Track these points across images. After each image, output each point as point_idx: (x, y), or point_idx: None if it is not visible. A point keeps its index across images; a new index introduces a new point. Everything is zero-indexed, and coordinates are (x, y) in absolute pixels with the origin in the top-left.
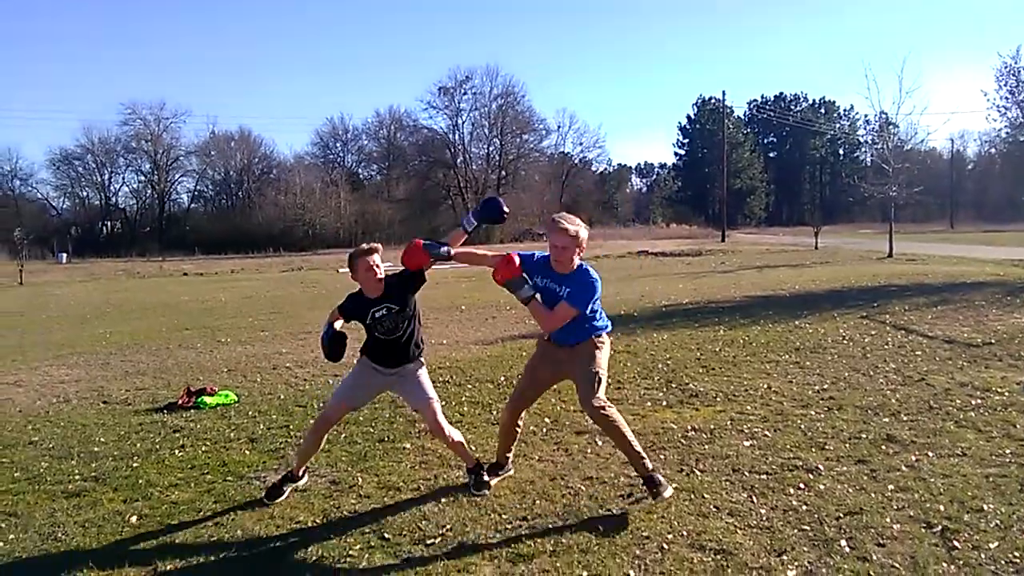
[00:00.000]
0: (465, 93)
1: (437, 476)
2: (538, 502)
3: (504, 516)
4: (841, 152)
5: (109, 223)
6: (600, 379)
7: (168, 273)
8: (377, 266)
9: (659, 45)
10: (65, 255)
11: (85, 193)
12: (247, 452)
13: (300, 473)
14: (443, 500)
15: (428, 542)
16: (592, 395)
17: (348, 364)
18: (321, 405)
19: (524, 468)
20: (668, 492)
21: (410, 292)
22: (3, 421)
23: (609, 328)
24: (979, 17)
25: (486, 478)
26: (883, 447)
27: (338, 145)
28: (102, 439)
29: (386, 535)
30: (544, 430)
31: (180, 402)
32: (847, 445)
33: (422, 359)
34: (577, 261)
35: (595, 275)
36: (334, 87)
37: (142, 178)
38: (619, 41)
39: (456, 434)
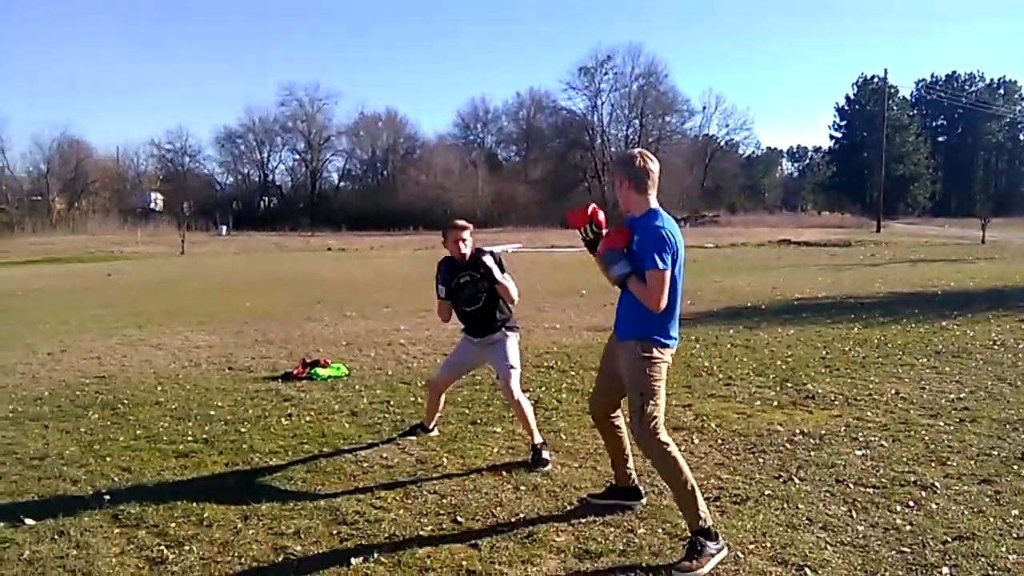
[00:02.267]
0: (606, 73)
1: (523, 464)
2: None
3: (580, 510)
4: (1022, 137)
5: (267, 198)
6: (643, 407)
7: (313, 248)
8: (464, 241)
9: (816, 21)
10: (225, 228)
11: (246, 170)
12: (346, 425)
13: (431, 426)
14: (522, 488)
15: (499, 529)
16: (637, 423)
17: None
18: (424, 383)
19: (608, 463)
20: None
21: (490, 271)
22: (138, 382)
23: (666, 342)
24: None
25: (545, 455)
26: (1015, 467)
27: (479, 126)
28: (219, 403)
29: (459, 518)
30: None
31: (295, 372)
32: (973, 462)
33: (511, 330)
34: (651, 203)
35: (663, 223)
36: (478, 68)
37: (297, 156)
38: (772, 18)
39: (527, 406)
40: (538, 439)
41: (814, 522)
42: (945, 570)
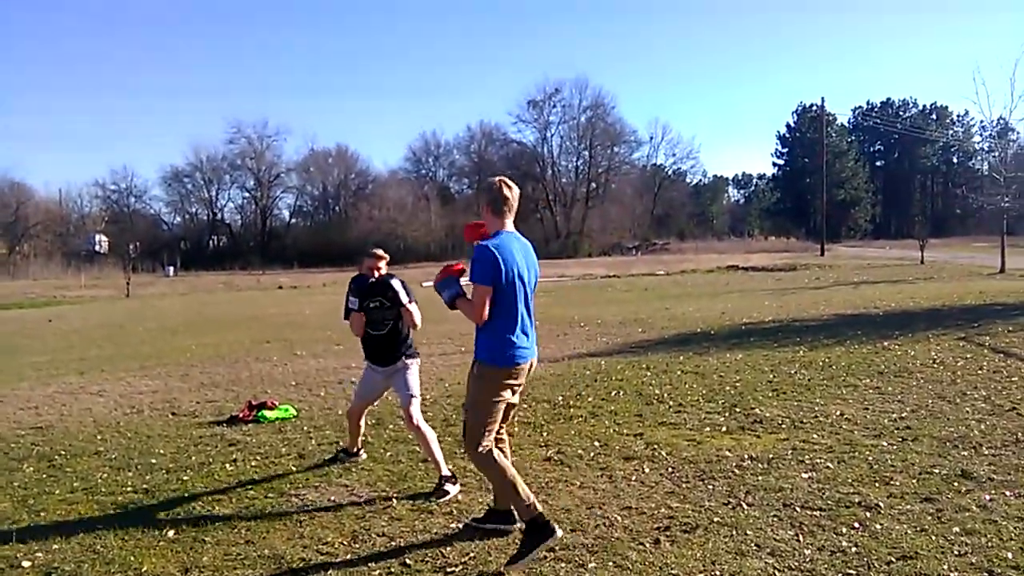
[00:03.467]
0: (554, 106)
1: (472, 500)
2: (569, 533)
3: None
4: (955, 160)
5: (215, 237)
6: (468, 421)
7: (264, 286)
8: (379, 268)
9: (757, 53)
10: (172, 268)
11: (194, 209)
12: (293, 468)
13: (354, 450)
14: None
15: (448, 570)
16: (464, 437)
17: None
18: (375, 421)
19: (563, 495)
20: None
21: (397, 296)
22: (77, 431)
23: (500, 364)
24: None
25: (448, 488)
26: (955, 484)
27: (430, 160)
28: (161, 451)
29: (408, 561)
30: (592, 454)
31: (241, 415)
32: (915, 481)
33: (411, 358)
34: (504, 226)
35: (497, 241)
36: (427, 103)
37: (246, 194)
38: (714, 49)
39: (430, 435)
40: (445, 470)
41: (762, 548)
42: None
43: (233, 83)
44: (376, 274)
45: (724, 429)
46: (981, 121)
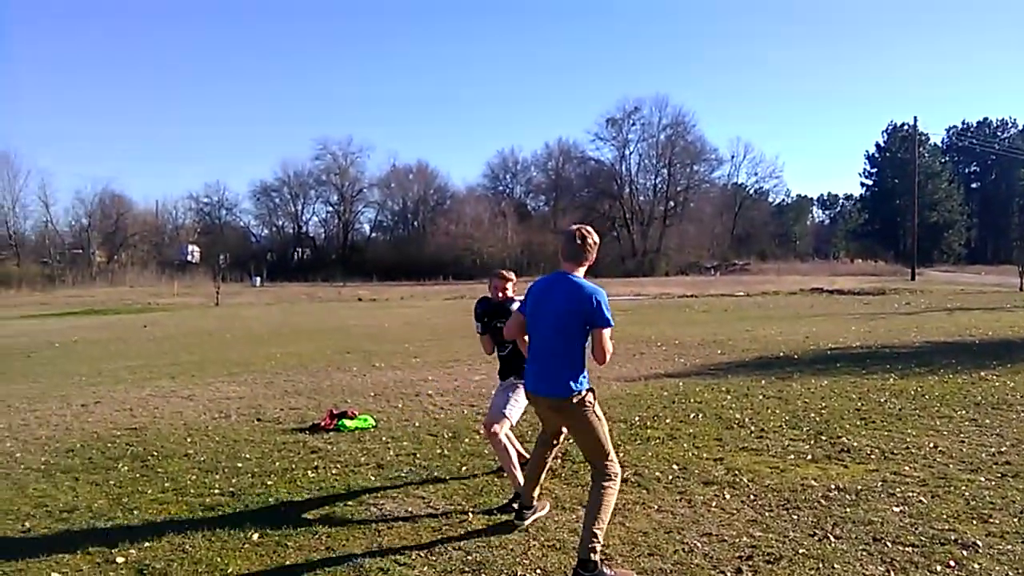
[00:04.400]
0: (633, 124)
1: (548, 519)
2: (647, 556)
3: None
4: None
5: (300, 250)
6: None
7: (345, 298)
8: (506, 290)
9: (846, 71)
10: (259, 279)
11: (280, 222)
12: (372, 478)
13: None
14: (547, 543)
15: None
16: None
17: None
18: (452, 435)
19: (640, 517)
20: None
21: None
22: (168, 433)
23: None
24: None
25: (525, 514)
26: None
27: (507, 176)
28: (247, 455)
29: (483, 574)
30: (670, 477)
31: (323, 424)
32: (1016, 519)
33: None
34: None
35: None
36: (507, 120)
37: (330, 208)
38: (802, 68)
39: (511, 451)
40: (518, 486)
41: None
42: None
43: (322, 102)
44: (500, 295)
45: (809, 457)
46: None
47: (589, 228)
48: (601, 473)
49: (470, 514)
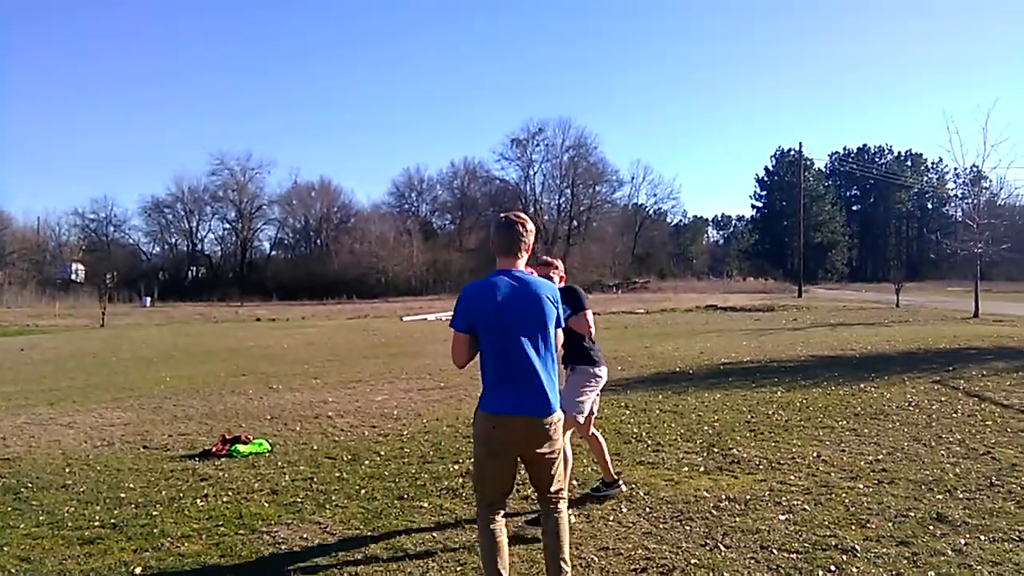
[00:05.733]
0: (537, 145)
1: (448, 539)
2: (544, 574)
3: None
4: (929, 206)
5: (194, 268)
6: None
7: (242, 318)
8: (549, 278)
9: (738, 97)
10: (149, 299)
11: (173, 239)
12: (266, 504)
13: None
14: (447, 564)
15: None
16: None
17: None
18: (352, 457)
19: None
20: None
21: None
22: (45, 463)
23: (484, 409)
24: None
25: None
26: (931, 527)
27: (413, 195)
28: (131, 485)
29: None
30: (569, 494)
31: (214, 450)
32: (891, 524)
33: (575, 371)
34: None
35: (472, 283)
36: (412, 138)
37: (227, 226)
38: (697, 93)
39: (593, 442)
40: (608, 477)
41: None
42: None
43: (217, 117)
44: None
45: (702, 469)
46: (955, 169)
47: (522, 215)
48: (561, 501)
49: (369, 538)
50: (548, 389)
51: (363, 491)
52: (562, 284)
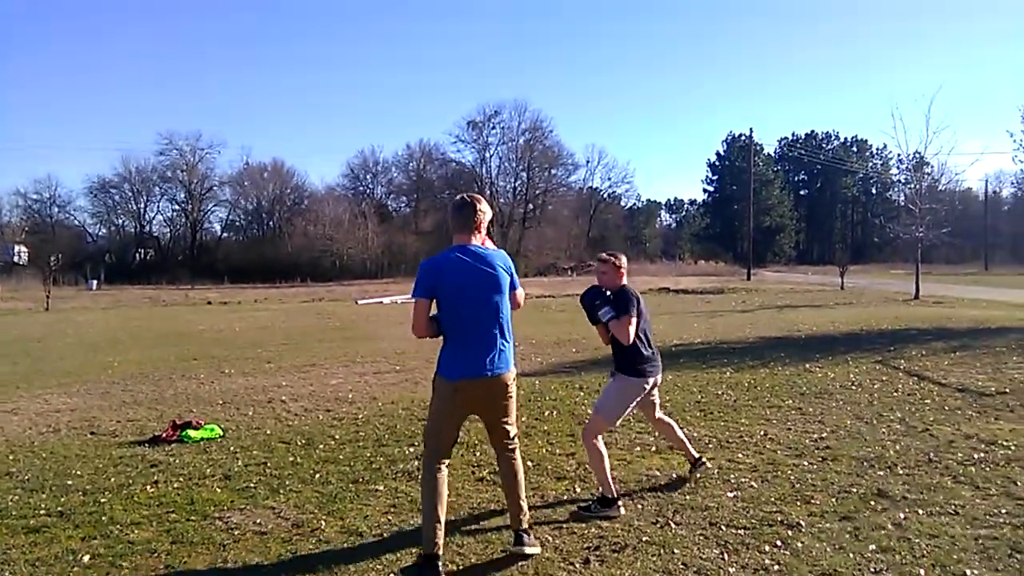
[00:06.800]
0: (493, 128)
1: (404, 522)
2: (499, 553)
3: (463, 566)
4: (873, 191)
5: (142, 251)
6: (424, 430)
7: (193, 302)
8: (602, 273)
9: (692, 82)
10: (96, 282)
11: (120, 221)
12: (218, 490)
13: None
14: (402, 549)
15: None
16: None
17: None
18: (306, 441)
19: (495, 517)
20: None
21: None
22: None
23: (444, 375)
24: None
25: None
26: (872, 503)
27: (368, 177)
28: (78, 472)
29: None
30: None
31: (164, 435)
32: (835, 500)
33: (615, 375)
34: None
35: (433, 257)
36: (367, 120)
37: (176, 207)
38: (651, 77)
39: (596, 455)
40: (608, 492)
41: (689, 567)
42: None
43: (165, 97)
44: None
45: (653, 449)
46: (898, 155)
47: (477, 195)
48: (516, 446)
49: (323, 522)
50: (500, 351)
51: (317, 475)
52: (621, 281)
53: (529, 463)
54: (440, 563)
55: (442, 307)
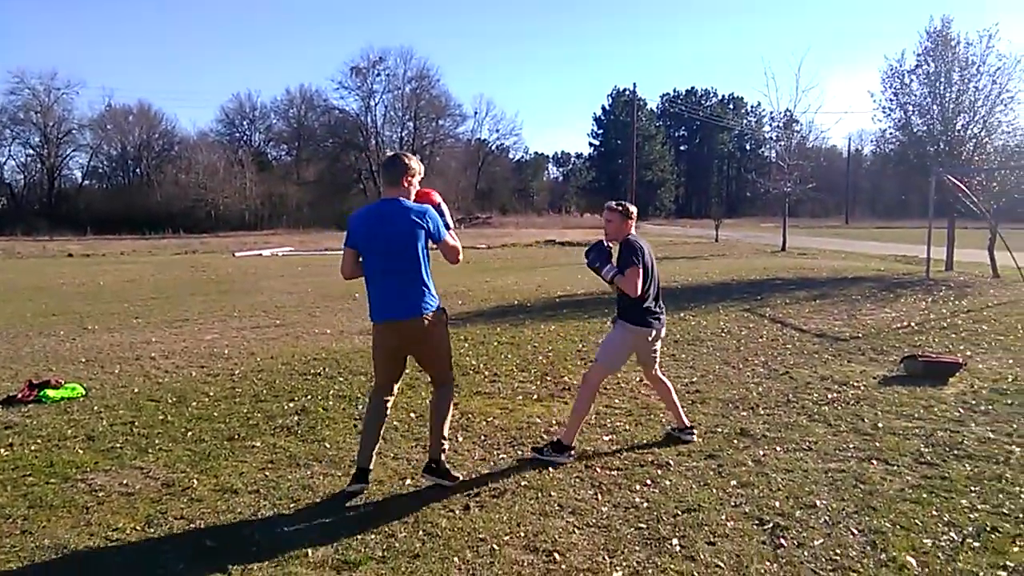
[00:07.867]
0: (378, 75)
1: (281, 477)
2: (380, 504)
3: (339, 520)
4: (748, 148)
5: None
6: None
7: (51, 254)
8: (608, 222)
9: (578, 37)
10: None
11: None
12: (80, 452)
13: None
14: (279, 503)
15: (252, 549)
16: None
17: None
18: (177, 399)
19: (377, 467)
20: None
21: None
22: None
23: (373, 318)
24: (877, 20)
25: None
26: (735, 441)
27: (245, 123)
28: None
29: (208, 543)
30: (407, 426)
31: (20, 396)
32: (701, 440)
33: (616, 323)
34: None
35: (360, 210)
36: (242, 61)
37: (30, 152)
38: (537, 31)
39: (582, 400)
40: (567, 440)
41: (564, 507)
42: (675, 541)
43: (16, 32)
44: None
45: (535, 397)
46: (771, 112)
47: (408, 153)
48: (448, 384)
49: (195, 480)
50: (416, 295)
51: (189, 433)
52: (629, 231)
53: (412, 415)
54: (370, 476)
55: (362, 256)
